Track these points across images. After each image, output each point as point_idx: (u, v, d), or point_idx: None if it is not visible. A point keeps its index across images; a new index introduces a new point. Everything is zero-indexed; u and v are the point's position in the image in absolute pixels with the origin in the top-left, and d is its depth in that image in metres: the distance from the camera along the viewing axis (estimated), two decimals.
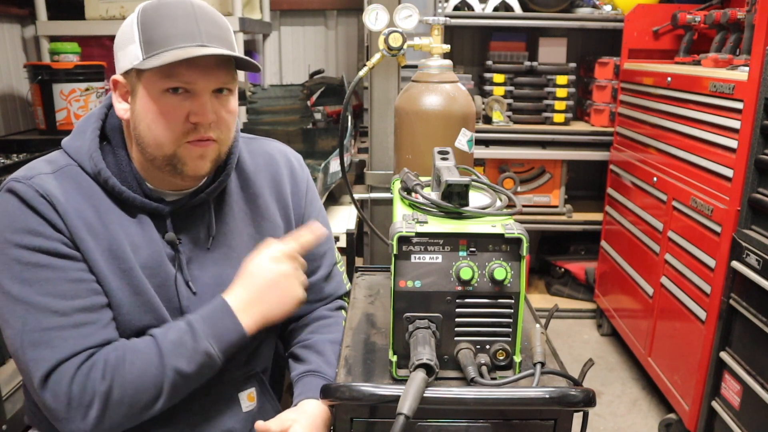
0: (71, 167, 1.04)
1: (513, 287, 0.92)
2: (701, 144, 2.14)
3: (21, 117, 2.99)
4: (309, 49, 4.13)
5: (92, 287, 1.00)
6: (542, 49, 3.28)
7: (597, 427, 2.43)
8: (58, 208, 0.98)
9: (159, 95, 0.99)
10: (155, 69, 0.96)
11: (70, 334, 0.96)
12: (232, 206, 1.15)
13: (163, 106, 0.99)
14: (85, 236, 0.99)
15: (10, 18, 2.93)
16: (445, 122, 1.29)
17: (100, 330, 0.99)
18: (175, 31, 0.97)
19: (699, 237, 2.09)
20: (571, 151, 3.19)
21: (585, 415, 0.94)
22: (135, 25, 0.99)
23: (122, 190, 1.03)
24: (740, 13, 2.29)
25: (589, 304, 3.35)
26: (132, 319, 1.03)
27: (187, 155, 1.02)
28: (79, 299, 0.98)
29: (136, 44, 0.98)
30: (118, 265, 1.02)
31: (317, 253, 1.27)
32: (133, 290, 1.03)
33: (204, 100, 1.00)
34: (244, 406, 1.16)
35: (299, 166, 1.28)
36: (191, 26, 0.98)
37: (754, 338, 1.80)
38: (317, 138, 2.62)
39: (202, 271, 1.11)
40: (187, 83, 0.98)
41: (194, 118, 1.00)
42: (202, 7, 1.01)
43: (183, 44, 0.96)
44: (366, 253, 2.36)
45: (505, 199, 1.03)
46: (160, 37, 0.97)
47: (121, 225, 1.03)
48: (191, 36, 0.97)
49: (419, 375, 0.85)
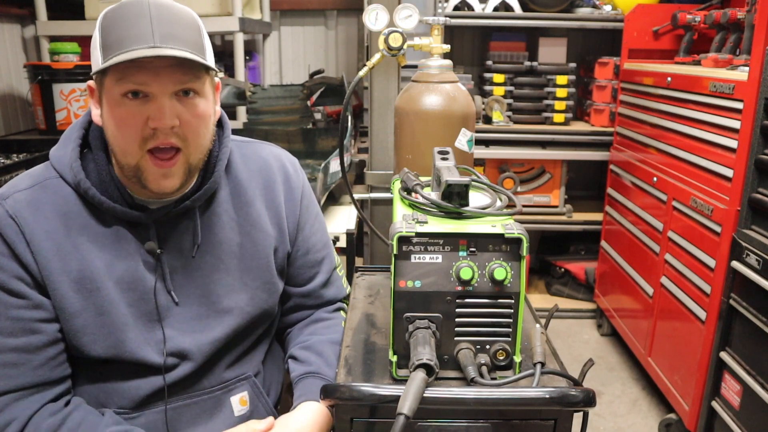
0: (52, 180, 1.03)
1: (513, 287, 0.92)
2: (701, 144, 2.14)
3: (21, 117, 2.99)
4: (309, 49, 4.13)
5: (30, 327, 0.99)
6: (542, 49, 3.28)
7: (597, 427, 2.43)
8: (25, 231, 0.98)
9: (118, 100, 0.96)
10: (111, 74, 0.94)
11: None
12: (221, 215, 1.12)
13: (122, 112, 0.96)
14: (51, 259, 0.99)
15: (10, 18, 2.93)
16: (445, 122, 1.29)
17: (29, 371, 0.99)
18: (127, 33, 0.94)
19: (699, 237, 2.09)
20: (571, 151, 3.19)
21: (585, 415, 0.94)
22: (97, 30, 0.98)
23: (102, 201, 1.01)
24: (740, 13, 2.29)
25: (589, 304, 3.35)
26: (96, 339, 1.03)
27: (149, 171, 0.99)
28: (13, 338, 0.98)
29: (97, 49, 0.96)
30: (84, 286, 1.01)
31: (314, 260, 1.26)
32: (96, 311, 1.02)
33: (161, 103, 0.95)
34: (236, 410, 1.15)
35: (294, 172, 1.24)
36: (144, 27, 0.94)
37: (754, 338, 1.80)
38: (317, 138, 2.62)
39: (188, 280, 1.09)
40: (140, 85, 0.95)
41: (152, 122, 0.96)
42: (160, 5, 0.97)
43: (134, 46, 0.92)
44: (366, 253, 2.36)
45: (505, 199, 1.03)
46: (114, 40, 0.94)
47: (95, 242, 1.02)
48: (143, 37, 0.93)
49: (419, 375, 0.85)
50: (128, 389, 1.08)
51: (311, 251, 1.25)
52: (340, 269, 1.34)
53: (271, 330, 1.27)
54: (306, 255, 1.25)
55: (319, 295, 1.27)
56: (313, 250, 1.26)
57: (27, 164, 2.14)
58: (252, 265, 1.15)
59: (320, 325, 1.26)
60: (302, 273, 1.25)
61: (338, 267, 1.33)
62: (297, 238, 1.22)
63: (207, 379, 1.14)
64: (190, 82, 0.98)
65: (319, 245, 1.27)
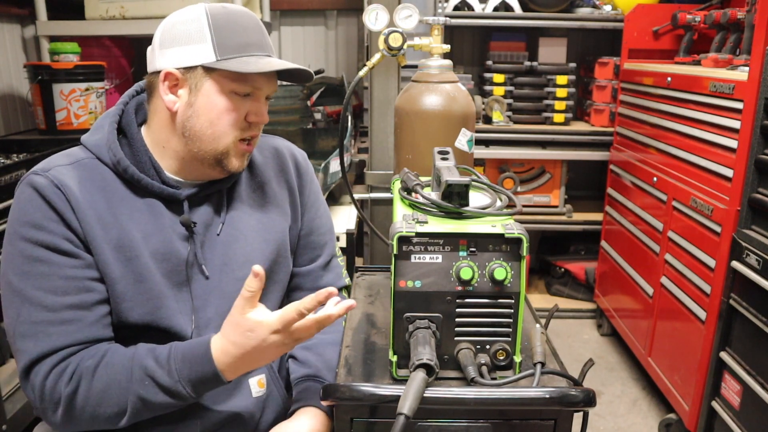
0: (89, 160, 1.09)
1: (513, 287, 0.92)
2: (701, 144, 2.14)
3: (21, 117, 2.99)
4: (309, 49, 4.13)
5: (84, 285, 1.03)
6: (542, 49, 3.28)
7: (597, 427, 2.43)
8: (71, 199, 1.03)
9: (228, 94, 1.07)
10: (227, 73, 1.05)
11: (55, 330, 1.01)
12: (241, 193, 1.21)
13: (229, 105, 1.08)
14: (94, 226, 1.04)
15: (10, 18, 2.93)
16: (445, 122, 1.29)
17: (84, 328, 1.03)
18: (249, 40, 1.08)
19: (699, 237, 2.09)
20: (571, 151, 3.19)
21: (585, 415, 0.95)
22: (206, 27, 1.05)
23: (141, 177, 1.08)
24: (740, 13, 2.29)
25: (589, 304, 3.36)
26: (134, 306, 1.07)
27: (235, 153, 1.11)
28: (69, 296, 1.02)
29: (207, 44, 1.05)
30: (124, 254, 1.06)
31: (318, 242, 1.32)
32: (135, 278, 1.06)
33: (262, 103, 1.11)
34: (254, 391, 1.18)
35: (303, 161, 1.33)
36: (261, 38, 1.10)
37: (754, 338, 1.80)
38: (317, 138, 2.62)
39: (212, 253, 1.15)
40: (256, 89, 1.09)
41: (253, 118, 1.10)
42: (256, 18, 1.12)
43: (256, 53, 1.08)
44: (366, 253, 2.36)
45: (505, 199, 1.03)
46: (236, 43, 1.06)
47: (132, 215, 1.08)
48: (261, 47, 1.09)
49: (419, 375, 0.85)
50: None
51: (314, 233, 1.31)
52: (341, 260, 1.38)
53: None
54: (309, 235, 1.30)
55: (317, 276, 1.31)
56: (317, 232, 1.32)
57: (27, 164, 2.13)
58: (269, 238, 1.21)
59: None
60: (304, 253, 1.31)
61: (339, 257, 1.38)
62: (304, 217, 1.30)
63: None
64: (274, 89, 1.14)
65: (323, 229, 1.33)
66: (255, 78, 1.07)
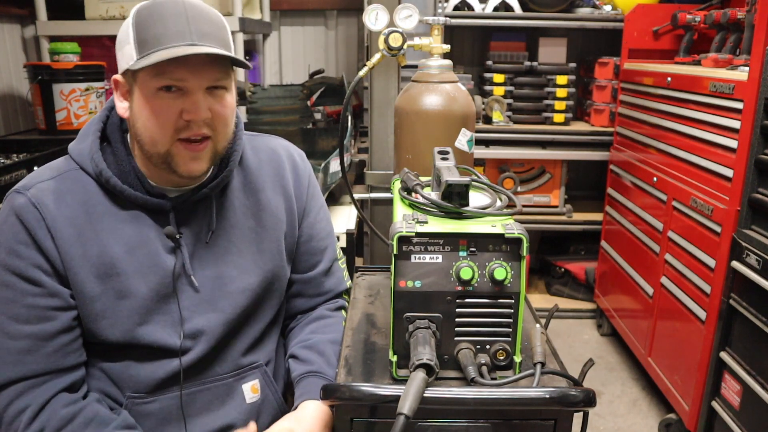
0: (73, 171, 1.07)
1: (513, 287, 0.92)
2: (701, 144, 2.14)
3: (21, 117, 2.99)
4: (309, 49, 4.13)
5: (45, 314, 1.03)
6: (542, 49, 3.27)
7: (597, 427, 2.43)
8: (47, 219, 1.02)
9: (153, 94, 1.01)
10: (148, 69, 0.99)
11: (11, 360, 1.01)
12: (233, 201, 1.17)
13: (156, 105, 1.01)
14: (73, 245, 1.03)
15: (10, 18, 2.93)
16: (445, 122, 1.29)
17: (41, 359, 1.03)
18: (165, 30, 0.99)
19: (699, 237, 2.09)
20: (571, 151, 3.19)
21: (585, 415, 0.95)
22: (130, 26, 1.02)
23: (123, 189, 1.06)
24: (740, 13, 2.29)
25: (589, 304, 3.35)
26: (114, 323, 1.06)
27: (179, 155, 1.04)
28: (29, 325, 1.02)
29: (131, 45, 1.01)
30: (104, 272, 1.05)
31: (318, 248, 1.29)
32: (116, 295, 1.06)
33: (197, 98, 1.01)
34: (248, 397, 1.17)
35: (302, 161, 1.29)
36: (182, 25, 0.99)
37: (754, 338, 1.80)
38: (317, 138, 2.62)
39: (202, 263, 1.13)
40: (178, 81, 1.00)
41: (187, 115, 1.01)
42: (194, 5, 1.03)
43: (173, 44, 0.98)
44: (366, 253, 2.36)
45: (505, 199, 1.03)
46: (151, 37, 0.99)
47: (115, 229, 1.06)
48: (181, 35, 0.99)
49: (419, 375, 0.85)
50: (144, 374, 1.10)
51: (315, 238, 1.28)
52: (342, 263, 1.36)
53: (279, 318, 1.29)
54: (309, 242, 1.28)
55: (319, 283, 1.29)
56: (317, 237, 1.29)
57: (27, 164, 2.14)
58: (264, 248, 1.19)
59: (322, 324, 1.26)
60: (305, 260, 1.28)
61: (340, 260, 1.36)
62: (302, 223, 1.27)
63: (220, 365, 1.16)
64: (222, 79, 1.04)
65: (323, 234, 1.31)
66: (173, 70, 0.99)
